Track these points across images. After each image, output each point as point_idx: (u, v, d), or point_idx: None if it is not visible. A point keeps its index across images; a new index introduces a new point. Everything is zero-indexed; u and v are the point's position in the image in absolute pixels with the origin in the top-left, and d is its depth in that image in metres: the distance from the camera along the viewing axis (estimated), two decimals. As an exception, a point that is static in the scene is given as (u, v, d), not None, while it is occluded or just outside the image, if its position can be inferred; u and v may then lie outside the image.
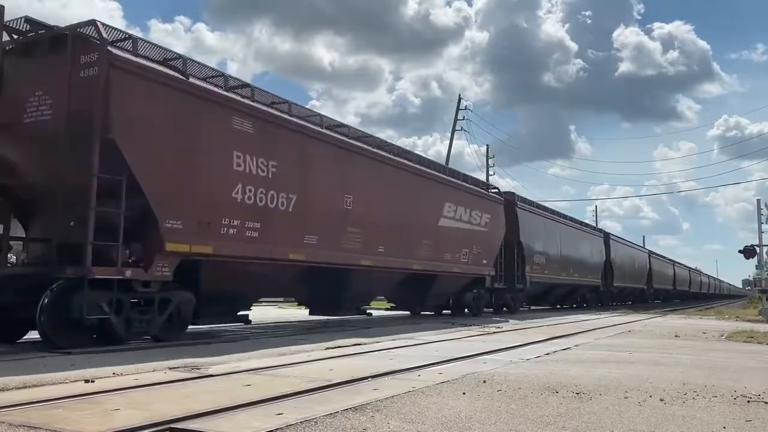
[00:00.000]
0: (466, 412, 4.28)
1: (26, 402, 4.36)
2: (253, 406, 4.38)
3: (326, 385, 5.29)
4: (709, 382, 5.98)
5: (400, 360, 7.24)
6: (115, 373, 5.83)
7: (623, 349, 9.21)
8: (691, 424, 4.09)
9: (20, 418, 3.88)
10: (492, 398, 4.88)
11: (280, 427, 3.75)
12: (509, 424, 3.96)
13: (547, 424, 3.99)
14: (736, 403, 4.88)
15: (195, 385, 5.34)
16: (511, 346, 9.27)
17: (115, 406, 4.30)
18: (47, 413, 4.04)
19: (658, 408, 4.63)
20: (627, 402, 4.85)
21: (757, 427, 4.07)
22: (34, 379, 5.31)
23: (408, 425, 3.88)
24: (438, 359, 7.32)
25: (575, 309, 29.92)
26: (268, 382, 5.49)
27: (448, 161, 38.18)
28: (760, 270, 31.21)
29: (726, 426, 4.05)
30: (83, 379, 5.42)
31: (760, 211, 30.28)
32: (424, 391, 5.12)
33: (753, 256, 29.71)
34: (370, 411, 4.26)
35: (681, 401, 4.93)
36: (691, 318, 23.10)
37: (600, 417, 4.24)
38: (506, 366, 6.94)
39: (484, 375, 6.08)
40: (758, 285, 27.76)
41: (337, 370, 6.30)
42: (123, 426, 3.68)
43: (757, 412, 4.56)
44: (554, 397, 5.01)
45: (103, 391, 4.85)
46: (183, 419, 3.87)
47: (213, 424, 3.82)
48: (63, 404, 4.37)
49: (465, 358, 7.66)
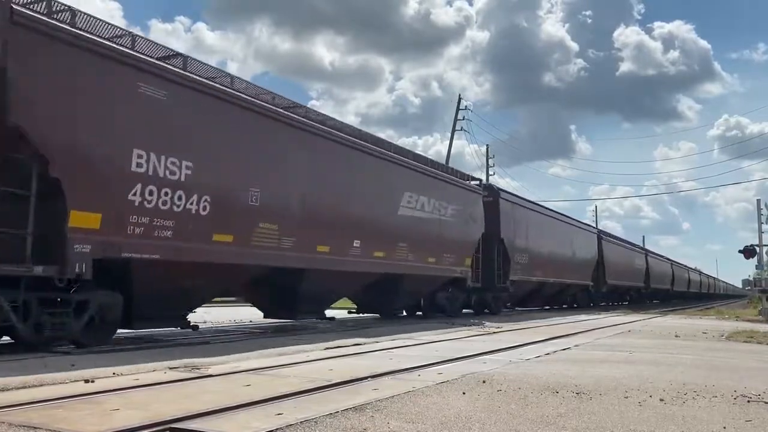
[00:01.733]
0: (466, 412, 4.29)
1: (27, 402, 4.36)
2: (253, 406, 4.38)
3: (326, 385, 5.29)
4: (709, 382, 5.98)
5: (400, 360, 7.24)
6: (115, 373, 5.83)
7: (623, 349, 9.21)
8: (691, 424, 4.10)
9: (21, 418, 3.88)
10: (492, 398, 4.88)
11: (280, 427, 3.75)
12: (509, 424, 3.96)
13: (547, 424, 3.99)
14: (736, 403, 4.88)
15: (195, 385, 5.34)
16: (511, 346, 9.27)
17: (115, 406, 4.30)
18: (47, 413, 4.04)
19: (658, 408, 4.63)
20: (627, 402, 4.85)
21: (757, 427, 4.07)
22: (35, 379, 5.31)
23: (408, 425, 3.88)
24: (438, 359, 7.32)
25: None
26: (268, 382, 5.49)
27: (448, 161, 38.07)
28: (760, 270, 31.20)
29: (726, 426, 4.05)
30: (83, 379, 5.42)
31: (760, 211, 30.25)
32: (424, 391, 5.12)
33: (753, 256, 29.70)
34: (370, 411, 4.26)
35: (681, 401, 4.93)
36: (691, 318, 23.11)
37: (600, 417, 4.25)
38: (506, 366, 6.94)
39: (484, 375, 6.08)
40: (758, 285, 27.75)
41: (336, 370, 6.30)
42: (123, 426, 3.69)
43: (757, 412, 4.56)
44: (554, 397, 5.01)
45: (103, 391, 4.85)
46: (183, 419, 3.87)
47: (213, 424, 3.82)
48: (63, 404, 4.37)
49: (465, 358, 7.66)
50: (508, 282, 20.93)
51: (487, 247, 20.00)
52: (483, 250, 19.65)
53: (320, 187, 12.01)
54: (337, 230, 12.54)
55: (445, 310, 17.78)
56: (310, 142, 11.79)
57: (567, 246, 28.16)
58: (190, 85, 9.32)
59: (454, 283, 17.94)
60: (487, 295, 20.48)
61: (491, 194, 20.81)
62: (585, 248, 31.00)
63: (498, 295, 21.16)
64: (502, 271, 20.71)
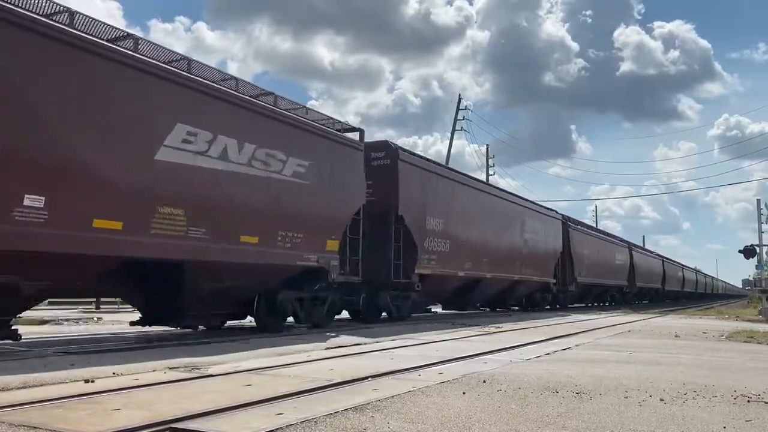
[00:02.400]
0: (467, 412, 4.29)
1: (27, 402, 4.37)
2: (254, 406, 4.38)
3: (326, 385, 5.29)
4: (709, 381, 5.98)
5: (400, 360, 7.25)
6: (115, 373, 5.84)
7: (623, 349, 9.22)
8: (691, 424, 4.10)
9: (21, 417, 3.88)
10: (492, 398, 4.88)
11: (281, 427, 3.76)
12: (509, 424, 3.97)
13: (547, 424, 3.99)
14: (736, 403, 4.88)
15: (195, 385, 5.34)
16: (511, 346, 9.27)
17: (115, 406, 4.30)
18: (48, 413, 4.05)
19: (658, 408, 4.63)
20: (627, 402, 4.85)
21: (757, 427, 4.07)
22: (35, 379, 5.31)
23: (408, 425, 3.89)
24: (438, 359, 7.32)
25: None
26: (268, 382, 5.49)
27: (449, 161, 38.14)
28: (760, 270, 31.21)
29: (726, 426, 4.05)
30: (83, 379, 5.42)
31: (760, 211, 30.31)
32: (425, 391, 5.12)
33: (753, 256, 29.75)
34: (371, 411, 4.26)
35: (681, 401, 4.93)
36: (691, 318, 23.10)
37: (600, 417, 4.25)
38: (506, 366, 6.94)
39: (485, 375, 6.08)
40: (758, 285, 27.74)
41: (337, 370, 6.30)
42: (123, 426, 3.69)
43: (757, 412, 4.56)
44: (554, 397, 5.02)
45: (103, 391, 4.85)
46: (183, 419, 3.87)
47: (213, 424, 3.82)
48: (63, 404, 4.37)
49: (465, 358, 7.66)
50: (413, 276, 15.27)
51: (378, 227, 14.35)
52: (370, 231, 13.79)
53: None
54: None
55: (296, 316, 11.90)
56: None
57: (515, 233, 22.56)
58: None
59: (312, 276, 11.87)
60: (382, 294, 14.77)
61: (387, 154, 14.92)
62: (544, 238, 25.41)
63: (402, 294, 15.47)
64: (402, 261, 14.90)
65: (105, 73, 7.94)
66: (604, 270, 33.86)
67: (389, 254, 14.65)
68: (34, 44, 7.17)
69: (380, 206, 14.28)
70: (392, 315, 15.34)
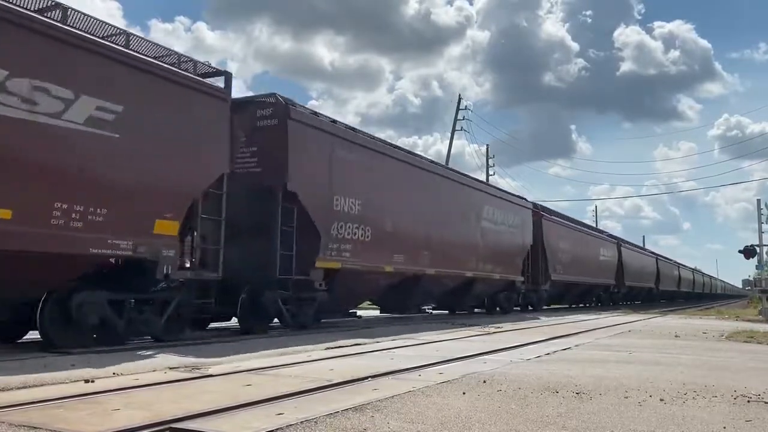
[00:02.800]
0: (467, 412, 4.29)
1: (27, 402, 4.37)
2: (254, 406, 4.38)
3: (326, 385, 5.30)
4: (709, 382, 5.98)
5: (401, 360, 7.25)
6: (115, 373, 5.85)
7: (623, 349, 9.22)
8: (691, 424, 4.10)
9: (21, 418, 3.88)
10: (492, 398, 4.88)
11: (281, 427, 3.76)
12: (509, 424, 3.97)
13: (547, 424, 3.99)
14: (736, 403, 4.88)
15: (195, 385, 5.35)
16: (511, 346, 9.28)
17: (115, 406, 4.30)
18: (48, 413, 4.05)
19: (658, 408, 4.63)
20: (627, 402, 4.85)
21: (757, 427, 4.08)
22: (35, 379, 5.31)
23: (408, 425, 3.89)
24: (438, 359, 7.32)
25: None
26: (268, 382, 5.49)
27: (448, 161, 38.14)
28: (760, 270, 31.21)
29: (726, 426, 4.05)
30: (83, 379, 5.42)
31: (760, 211, 30.29)
32: (425, 391, 5.12)
33: (753, 256, 29.73)
34: (371, 411, 4.26)
35: (681, 401, 4.93)
36: (691, 318, 23.10)
37: (600, 417, 4.25)
38: (506, 366, 6.94)
39: (485, 375, 6.09)
40: (758, 285, 27.75)
41: (337, 370, 6.30)
42: (123, 426, 3.69)
43: (757, 412, 4.56)
44: (554, 397, 5.02)
45: (103, 391, 4.86)
46: (183, 419, 3.87)
47: (213, 424, 3.83)
48: (63, 404, 4.37)
49: (465, 358, 7.66)
50: (313, 271, 11.75)
51: (265, 208, 11.24)
52: (251, 213, 10.90)
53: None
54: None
55: (115, 328, 8.37)
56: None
57: (470, 222, 18.87)
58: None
59: (141, 269, 8.51)
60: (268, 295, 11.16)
61: (275, 112, 11.36)
62: (509, 228, 21.39)
63: (304, 295, 11.87)
64: (296, 252, 11.44)
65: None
66: (587, 267, 29.95)
67: (275, 242, 11.14)
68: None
69: (267, 180, 11.19)
70: (286, 322, 11.74)
